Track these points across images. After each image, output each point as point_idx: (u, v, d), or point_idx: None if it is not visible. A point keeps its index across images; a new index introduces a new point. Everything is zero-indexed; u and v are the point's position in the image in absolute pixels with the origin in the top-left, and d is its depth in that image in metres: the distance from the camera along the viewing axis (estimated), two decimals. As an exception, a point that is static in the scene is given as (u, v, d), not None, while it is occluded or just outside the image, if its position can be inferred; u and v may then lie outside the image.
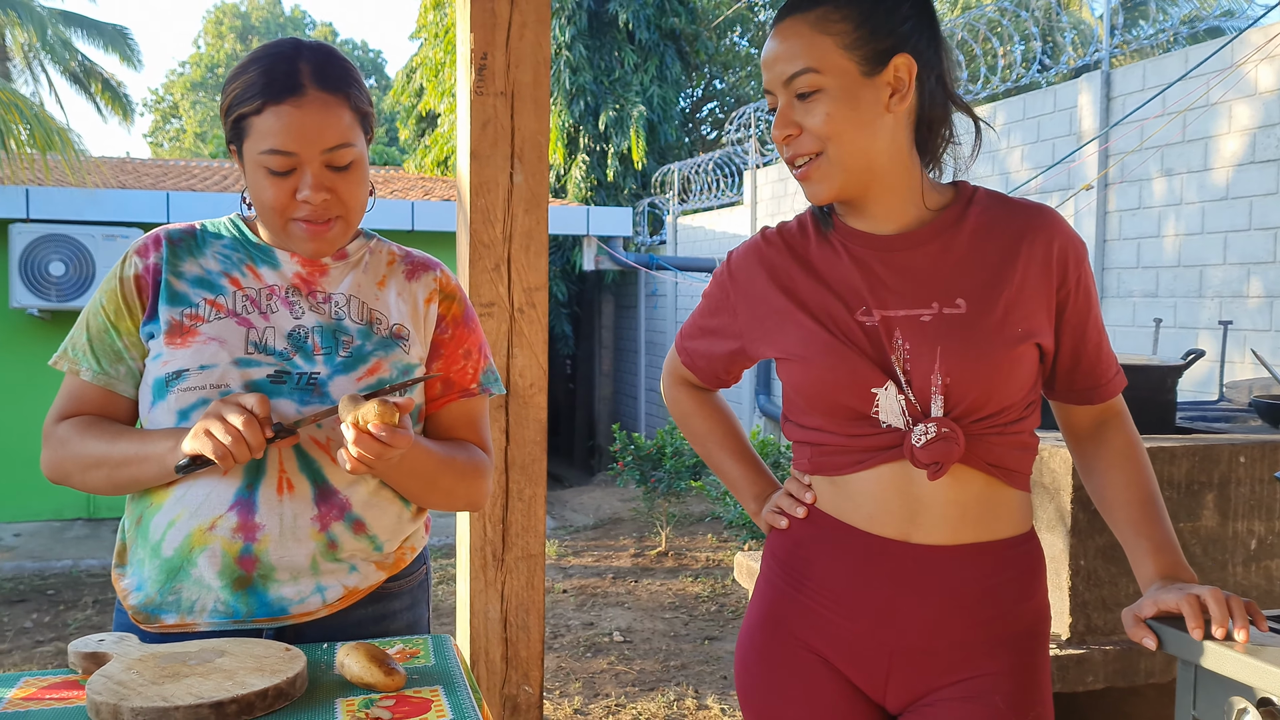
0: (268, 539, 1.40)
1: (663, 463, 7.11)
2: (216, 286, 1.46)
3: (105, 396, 1.48)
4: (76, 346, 1.49)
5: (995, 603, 1.32)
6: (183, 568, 1.42)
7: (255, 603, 1.42)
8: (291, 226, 1.43)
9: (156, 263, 1.47)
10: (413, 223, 8.47)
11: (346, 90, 1.42)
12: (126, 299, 1.46)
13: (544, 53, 2.28)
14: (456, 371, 1.58)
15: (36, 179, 7.52)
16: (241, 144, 1.42)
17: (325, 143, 1.39)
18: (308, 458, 1.43)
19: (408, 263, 1.58)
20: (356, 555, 1.47)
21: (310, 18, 35.28)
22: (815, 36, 1.27)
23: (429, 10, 14.25)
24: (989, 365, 1.27)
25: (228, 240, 1.51)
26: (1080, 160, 5.60)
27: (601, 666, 4.95)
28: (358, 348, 1.46)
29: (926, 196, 1.34)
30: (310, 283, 1.49)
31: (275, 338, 1.44)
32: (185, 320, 1.43)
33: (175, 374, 1.41)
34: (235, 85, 1.41)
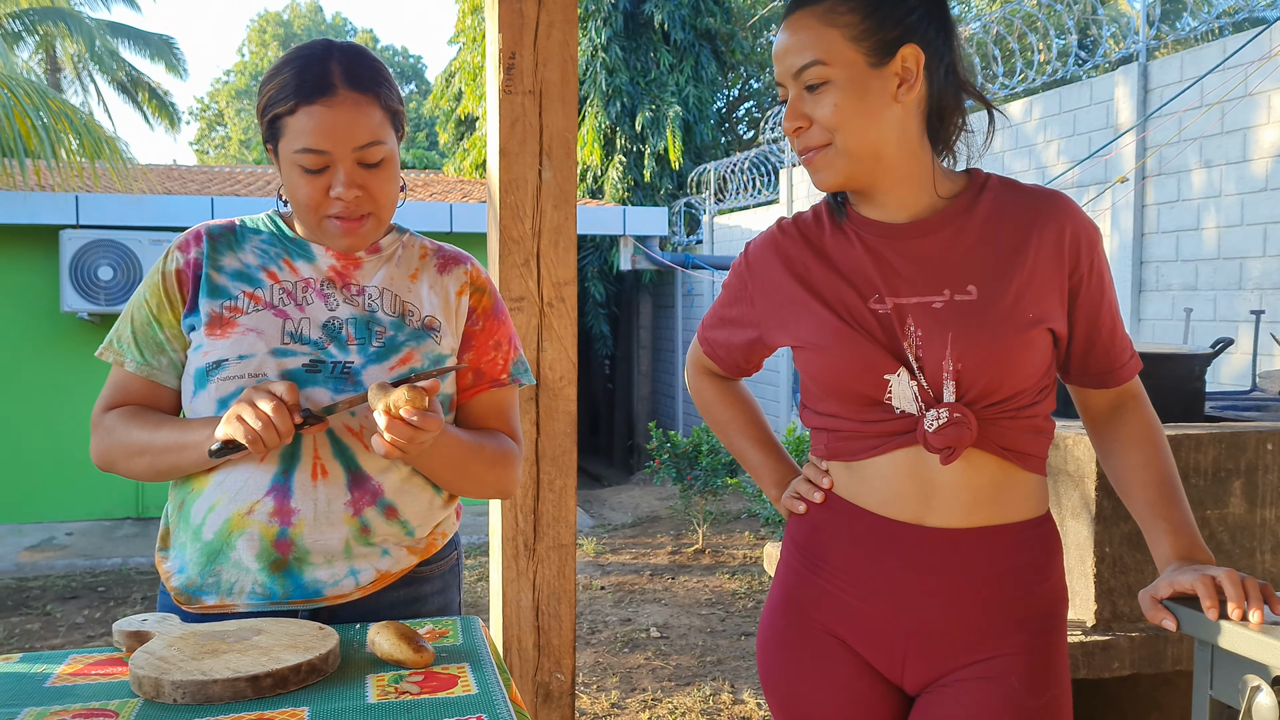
0: (303, 523, 1.45)
1: (699, 460, 7.13)
2: (255, 280, 1.51)
3: (149, 387, 1.54)
4: (121, 339, 1.55)
5: (1010, 585, 1.34)
6: (222, 551, 1.47)
7: (291, 585, 1.47)
8: (326, 223, 1.48)
9: (197, 257, 1.52)
10: (451, 224, 8.57)
11: (376, 89, 1.47)
12: (168, 293, 1.52)
13: (571, 51, 2.32)
14: (487, 362, 1.62)
15: (86, 186, 7.70)
16: (277, 143, 1.47)
17: (356, 141, 1.44)
18: (341, 444, 1.48)
19: (439, 256, 1.62)
20: (389, 540, 1.52)
21: (351, 24, 35.70)
22: (823, 29, 1.29)
23: (467, 15, 14.38)
24: (1000, 351, 1.28)
25: (265, 235, 1.56)
26: (1117, 153, 5.55)
27: (638, 661, 4.99)
28: (390, 338, 1.51)
29: (939, 184, 1.36)
30: (345, 275, 1.54)
31: (311, 328, 1.49)
32: (225, 312, 1.48)
33: (215, 364, 1.46)
34: (270, 86, 1.46)
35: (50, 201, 7.74)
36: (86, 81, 21.22)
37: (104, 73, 20.58)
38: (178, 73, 21.43)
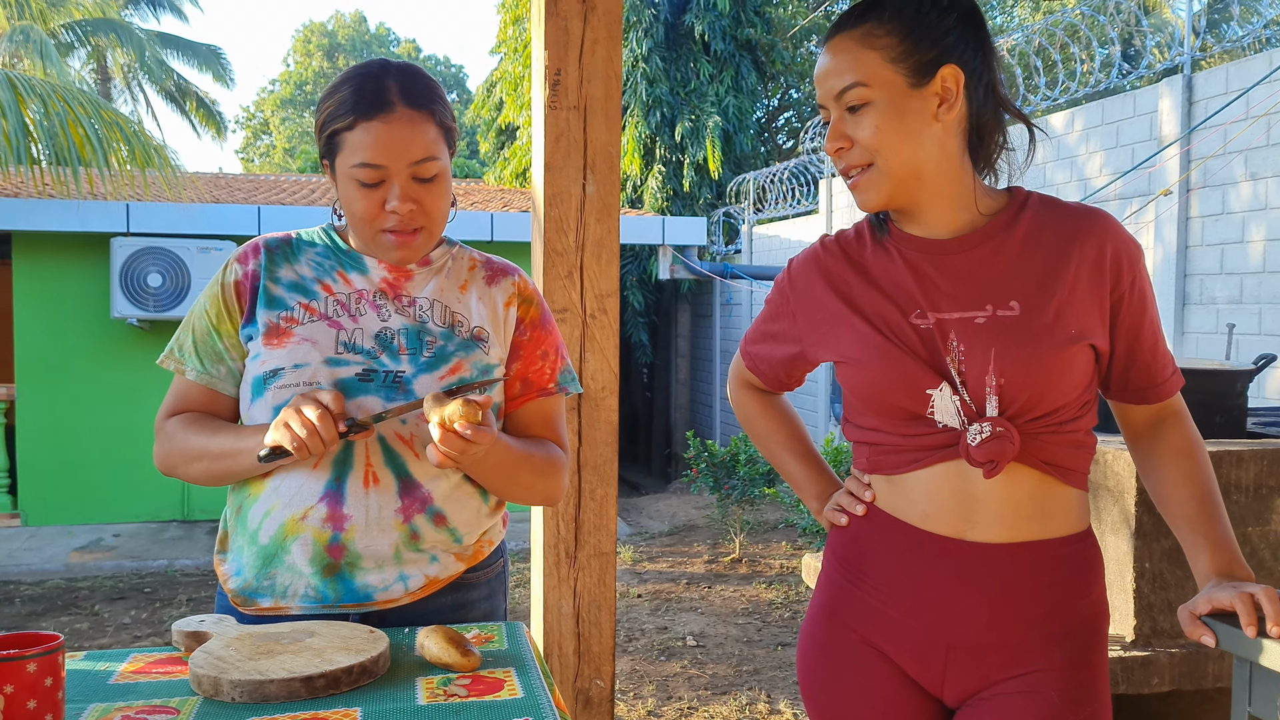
0: (354, 529, 1.50)
1: (737, 470, 7.14)
2: (310, 291, 1.56)
3: (208, 395, 1.60)
4: (182, 348, 1.60)
5: (1051, 600, 1.35)
6: (277, 555, 1.52)
7: (342, 589, 1.52)
8: (380, 237, 1.53)
9: (255, 269, 1.57)
10: (492, 233, 8.65)
11: (431, 106, 1.51)
12: (227, 304, 1.57)
13: (615, 68, 2.36)
14: (534, 372, 1.66)
15: (136, 194, 7.86)
16: (334, 159, 1.52)
17: (412, 156, 1.48)
18: (392, 452, 1.52)
19: (488, 268, 1.67)
20: (437, 546, 1.56)
21: (394, 35, 36.06)
22: (862, 52, 1.32)
23: (508, 26, 14.50)
24: (1042, 366, 1.30)
25: (320, 248, 1.62)
26: (1160, 165, 5.51)
27: (675, 670, 5.01)
28: (440, 348, 1.55)
29: (979, 202, 1.38)
30: (396, 287, 1.59)
31: (363, 338, 1.54)
32: (281, 322, 1.54)
33: (272, 372, 1.51)
34: (328, 104, 1.51)
35: (102, 210, 7.91)
36: (136, 91, 21.64)
37: (153, 82, 20.99)
38: (225, 82, 21.81)
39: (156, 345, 8.36)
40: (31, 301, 8.24)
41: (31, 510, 8.25)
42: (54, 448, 8.22)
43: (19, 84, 6.44)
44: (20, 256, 8.25)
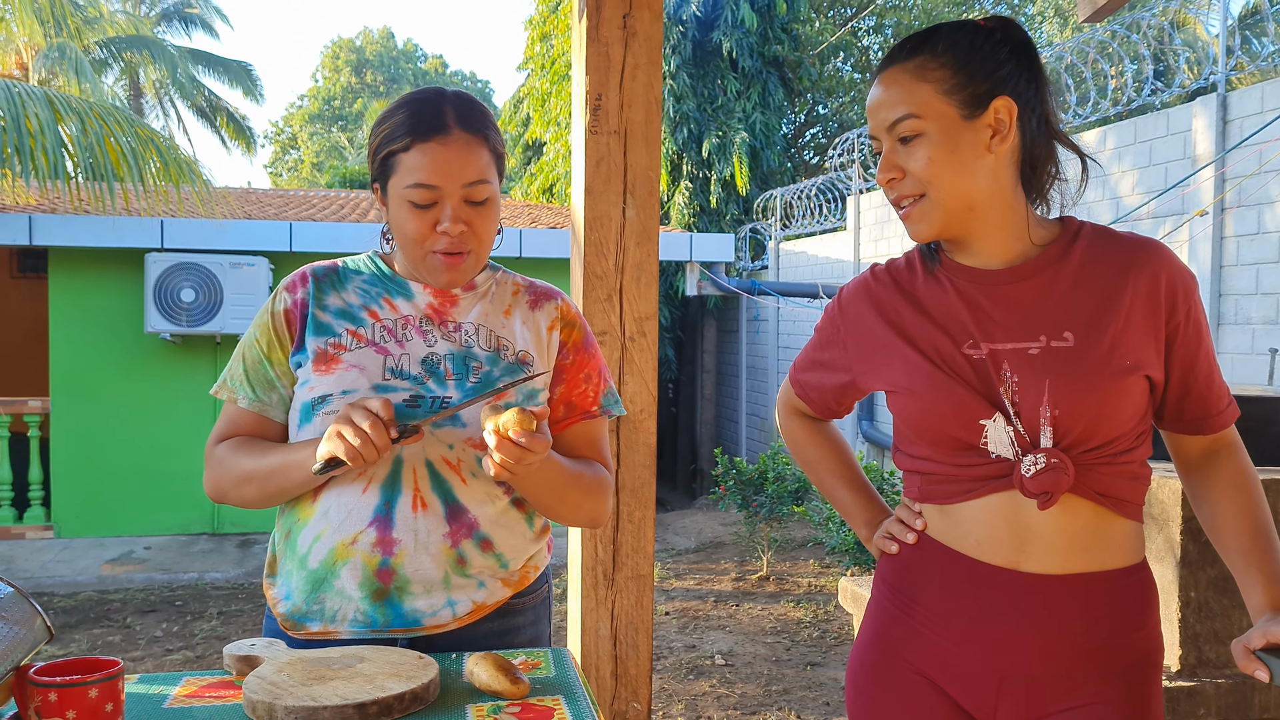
0: (404, 553, 1.51)
1: (765, 487, 7.12)
2: (357, 318, 1.58)
3: (259, 421, 1.62)
4: (234, 377, 1.62)
5: (1105, 632, 1.34)
6: (326, 579, 1.53)
7: (391, 614, 1.53)
8: (429, 258, 1.54)
9: (304, 298, 1.60)
10: (520, 249, 8.68)
11: (485, 132, 1.54)
12: (277, 332, 1.59)
13: (655, 93, 2.38)
14: (578, 395, 1.67)
15: (170, 210, 7.95)
16: (387, 181, 1.54)
17: (465, 178, 1.51)
18: (439, 477, 1.53)
19: (531, 292, 1.68)
20: (484, 572, 1.57)
21: (422, 50, 36.35)
22: (915, 84, 1.33)
23: (535, 42, 14.60)
24: (1097, 397, 1.30)
25: (367, 275, 1.64)
26: (1195, 185, 5.47)
27: (704, 689, 5.00)
28: (486, 373, 1.57)
29: (1032, 232, 1.38)
30: (442, 313, 1.60)
31: (410, 364, 1.55)
32: (329, 349, 1.56)
33: (321, 398, 1.53)
34: (384, 127, 1.54)
35: (137, 226, 8.00)
36: (168, 106, 21.93)
37: (184, 98, 21.26)
38: (254, 98, 22.05)
39: (188, 360, 8.44)
40: (67, 316, 8.34)
41: (64, 522, 8.33)
42: (87, 460, 8.31)
43: (57, 102, 6.54)
44: (57, 271, 8.36)
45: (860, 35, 15.54)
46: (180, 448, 8.30)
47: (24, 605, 1.22)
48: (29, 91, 6.46)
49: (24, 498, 8.42)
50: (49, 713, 1.13)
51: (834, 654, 5.56)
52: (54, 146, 6.35)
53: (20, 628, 1.20)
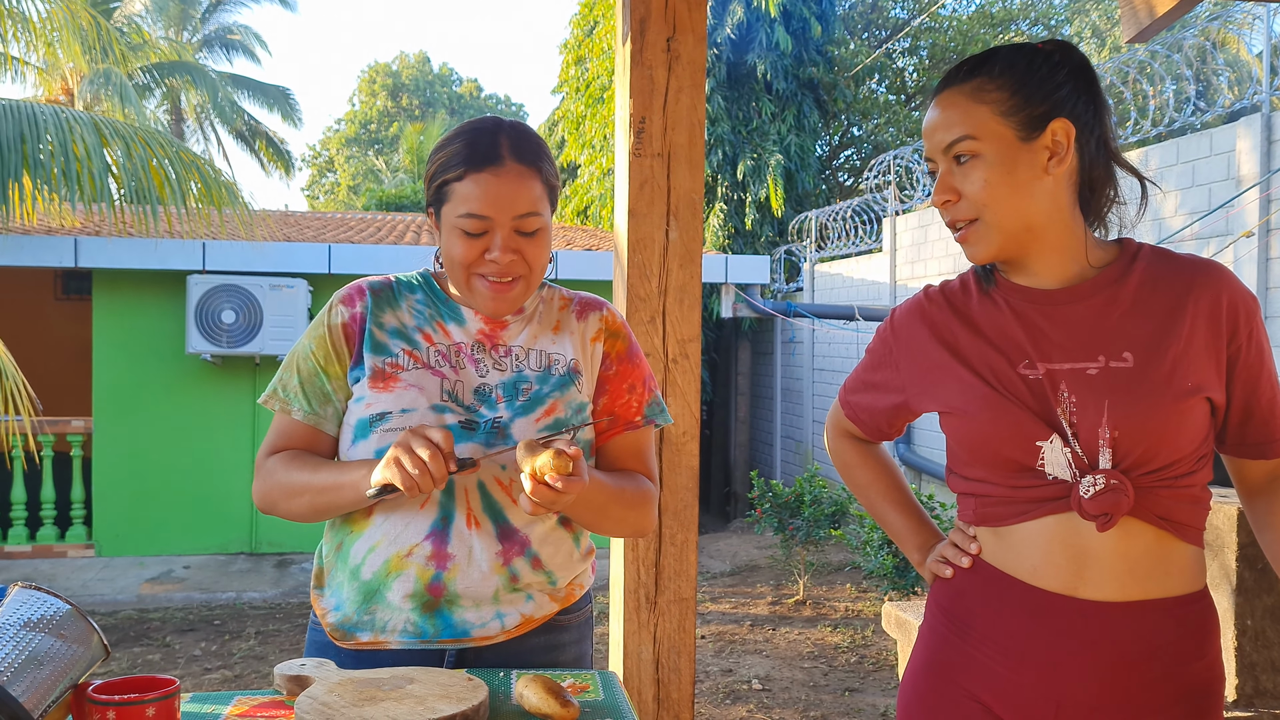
0: (457, 568, 1.52)
1: (801, 510, 7.08)
2: (412, 340, 1.60)
3: (312, 434, 1.62)
4: (287, 388, 1.62)
5: (1166, 661, 1.32)
6: (379, 590, 1.54)
7: (441, 624, 1.54)
8: (475, 282, 1.55)
9: (362, 312, 1.60)
10: (556, 271, 8.69)
11: (539, 164, 1.55)
12: (335, 345, 1.60)
13: (698, 115, 2.39)
14: (621, 406, 1.68)
15: (211, 233, 8.06)
16: (440, 208, 1.56)
17: (517, 210, 1.52)
18: (490, 499, 1.54)
19: (578, 304, 1.70)
20: (533, 586, 1.58)
21: (457, 74, 36.70)
22: (972, 105, 1.32)
23: (570, 65, 14.72)
24: (1158, 419, 1.28)
25: (420, 296, 1.65)
26: (1240, 207, 5.41)
27: (741, 714, 4.95)
28: (536, 391, 1.58)
29: (1090, 253, 1.37)
30: (493, 338, 1.62)
31: (464, 391, 1.57)
32: (387, 368, 1.57)
33: (379, 415, 1.54)
34: (441, 156, 1.56)
35: (179, 248, 8.12)
36: (208, 130, 22.27)
37: (224, 122, 21.58)
38: (293, 122, 22.36)
39: (228, 381, 8.53)
40: (110, 337, 8.47)
41: (105, 541, 8.42)
42: (128, 480, 8.40)
43: (103, 126, 6.66)
44: (100, 293, 8.49)
45: (895, 57, 15.53)
46: (219, 468, 8.38)
47: (81, 623, 1.23)
48: (76, 117, 6.58)
49: (66, 516, 8.53)
50: (107, 731, 1.14)
51: (872, 679, 5.49)
52: (100, 170, 6.46)
53: (78, 645, 1.21)
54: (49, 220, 8.31)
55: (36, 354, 8.76)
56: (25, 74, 14.46)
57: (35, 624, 1.17)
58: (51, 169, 6.31)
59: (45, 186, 6.34)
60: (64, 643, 1.19)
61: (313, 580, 1.65)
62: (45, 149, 6.31)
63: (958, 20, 15.71)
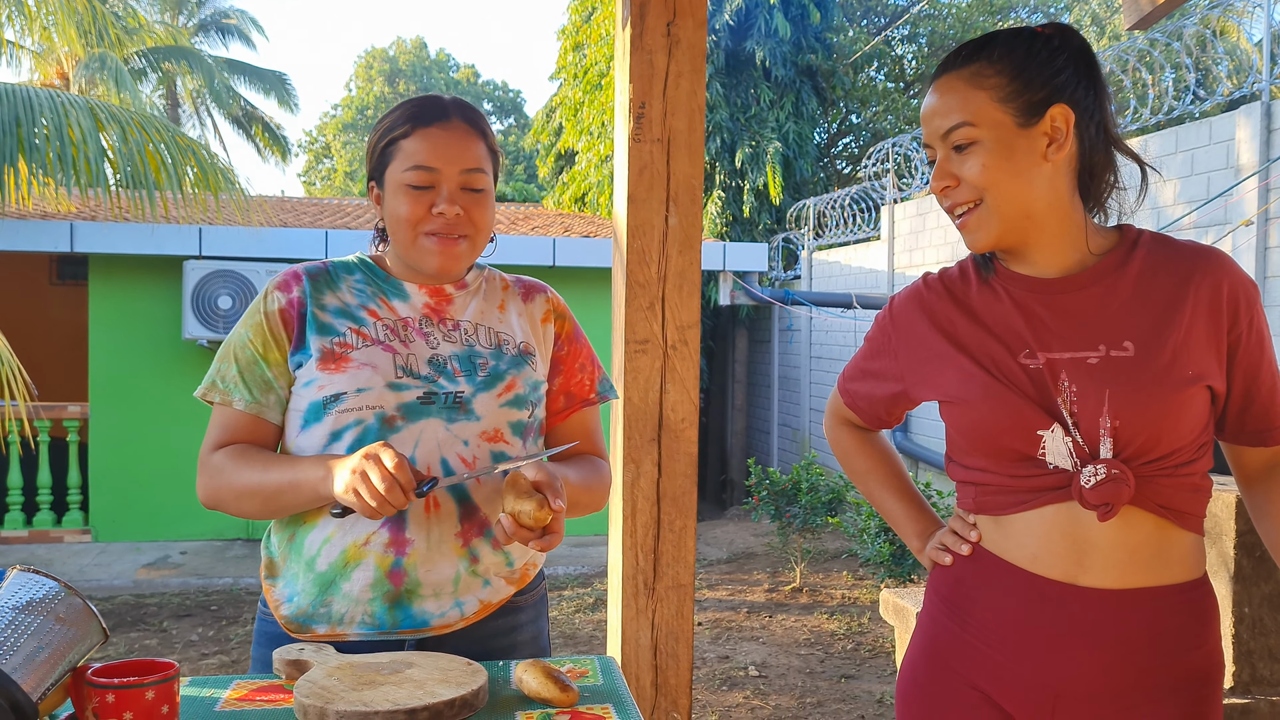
0: (416, 554, 1.51)
1: (798, 498, 7.09)
2: (358, 318, 1.58)
3: (255, 424, 1.59)
4: (226, 379, 1.59)
5: (1165, 649, 1.32)
6: (335, 581, 1.53)
7: (401, 615, 1.53)
8: (422, 240, 1.56)
9: (300, 297, 1.58)
10: (554, 258, 8.70)
11: (483, 128, 1.60)
12: (273, 332, 1.57)
13: (698, 101, 2.38)
14: (575, 385, 1.72)
15: (208, 218, 8.04)
16: (385, 172, 1.57)
17: (464, 163, 1.55)
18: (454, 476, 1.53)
19: (520, 286, 1.72)
20: (491, 570, 1.57)
21: (454, 60, 36.57)
22: (970, 91, 1.32)
23: (568, 52, 14.66)
24: (1159, 408, 1.28)
25: (359, 276, 1.64)
26: (1239, 196, 5.40)
27: (737, 700, 4.97)
28: (493, 367, 1.59)
29: (1090, 240, 1.36)
30: (439, 311, 1.62)
31: (418, 364, 1.56)
32: (336, 348, 1.55)
33: (333, 397, 1.52)
34: (385, 121, 1.59)
35: (176, 233, 8.10)
36: (204, 115, 22.18)
37: (221, 108, 21.49)
38: (289, 107, 22.26)
39: (225, 366, 8.50)
40: (106, 322, 8.45)
41: (102, 526, 8.42)
42: (124, 465, 8.40)
43: (99, 111, 6.63)
44: (97, 278, 8.47)
45: (894, 44, 15.49)
46: (216, 453, 8.35)
47: (80, 607, 1.22)
48: (72, 101, 6.55)
49: (63, 501, 8.53)
50: (107, 714, 1.14)
51: (868, 667, 5.51)
52: (95, 155, 6.44)
53: (77, 629, 1.21)
54: (45, 205, 8.28)
55: (32, 339, 8.74)
56: (20, 58, 14.39)
57: (34, 607, 1.17)
58: (47, 153, 6.28)
59: (41, 171, 6.32)
60: (63, 626, 1.19)
61: (263, 570, 1.62)
62: (41, 133, 6.28)
63: (957, 7, 15.67)
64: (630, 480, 2.36)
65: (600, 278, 8.81)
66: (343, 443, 1.52)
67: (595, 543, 8.56)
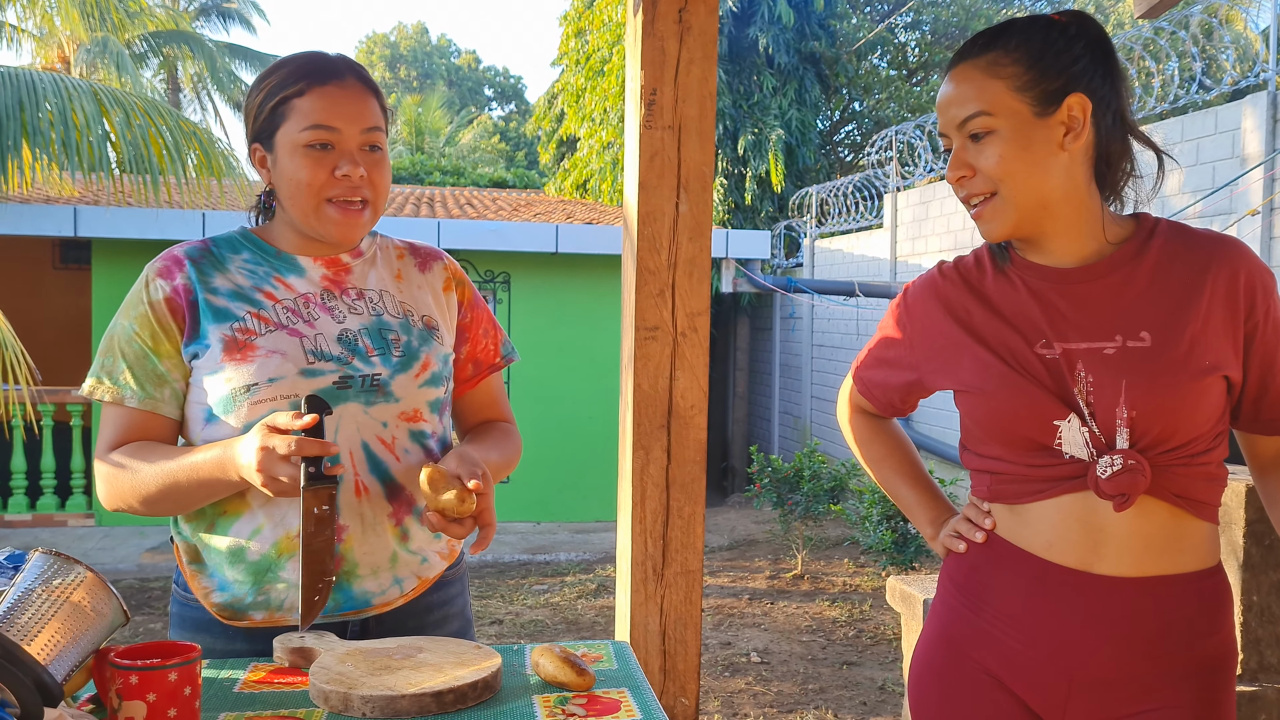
0: (352, 538, 1.49)
1: (800, 485, 7.10)
2: (254, 301, 1.50)
3: (150, 420, 1.51)
4: (114, 375, 1.50)
5: (1179, 636, 1.32)
6: (270, 570, 1.49)
7: (342, 597, 1.51)
8: (325, 208, 1.48)
9: (186, 283, 1.49)
10: (557, 245, 8.70)
11: (375, 86, 1.54)
12: (161, 322, 1.48)
13: (709, 87, 2.37)
14: (482, 351, 1.71)
15: (211, 204, 8.03)
16: (275, 134, 1.49)
17: (364, 123, 1.49)
18: (376, 459, 1.51)
19: (415, 254, 1.67)
20: (425, 546, 1.57)
21: (455, 46, 36.46)
22: (987, 80, 1.31)
23: (570, 38, 14.62)
24: (1176, 398, 1.28)
25: (248, 254, 1.55)
26: (1244, 186, 5.40)
27: (739, 686, 4.99)
28: (406, 344, 1.54)
29: (1107, 230, 1.36)
30: (339, 283, 1.56)
31: (327, 343, 1.49)
32: (237, 335, 1.47)
33: (245, 388, 1.45)
34: (272, 79, 1.51)
35: (179, 218, 8.09)
36: (205, 100, 22.12)
37: (221, 92, 21.43)
38: (290, 92, 22.18)
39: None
40: (110, 306, 8.43)
41: (105, 510, 8.44)
42: (127, 450, 8.40)
43: (103, 95, 6.62)
44: (100, 263, 8.47)
45: (897, 32, 15.44)
46: (219, 438, 8.36)
47: (102, 589, 1.23)
48: (75, 85, 6.54)
49: (66, 485, 8.55)
50: (130, 695, 1.15)
51: (870, 654, 5.53)
52: (99, 139, 6.43)
53: (99, 611, 1.22)
54: (47, 189, 8.27)
55: (36, 323, 8.74)
56: (21, 42, 14.35)
57: (57, 589, 1.18)
58: (50, 137, 6.28)
59: (44, 155, 6.31)
60: (85, 608, 1.19)
61: (184, 556, 1.54)
62: (44, 117, 6.28)
63: (960, -5, 15.61)
64: (640, 467, 2.36)
65: (602, 264, 8.81)
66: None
67: (597, 529, 8.58)
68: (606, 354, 8.69)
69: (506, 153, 27.60)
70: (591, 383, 8.98)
